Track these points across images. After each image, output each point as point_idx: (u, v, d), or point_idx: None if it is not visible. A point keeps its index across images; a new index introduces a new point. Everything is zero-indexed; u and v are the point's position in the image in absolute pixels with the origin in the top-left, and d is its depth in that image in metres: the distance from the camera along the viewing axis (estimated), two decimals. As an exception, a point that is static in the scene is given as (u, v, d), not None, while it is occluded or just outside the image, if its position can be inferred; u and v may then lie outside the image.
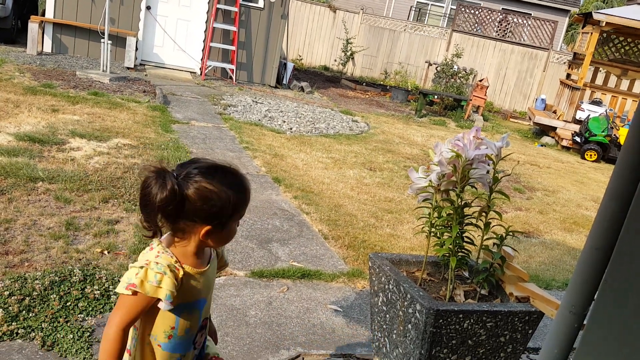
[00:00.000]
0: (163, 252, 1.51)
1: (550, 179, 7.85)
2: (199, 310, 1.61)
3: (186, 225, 1.51)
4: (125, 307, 1.46)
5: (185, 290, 1.52)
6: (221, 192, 1.48)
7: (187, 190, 1.46)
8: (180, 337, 1.56)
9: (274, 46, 11.12)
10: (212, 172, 1.52)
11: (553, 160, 9.58)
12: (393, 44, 15.67)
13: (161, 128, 6.29)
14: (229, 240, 1.62)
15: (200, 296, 1.59)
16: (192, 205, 1.47)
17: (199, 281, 1.56)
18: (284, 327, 2.91)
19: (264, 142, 6.72)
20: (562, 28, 20.75)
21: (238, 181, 1.56)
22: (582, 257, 1.67)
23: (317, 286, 3.43)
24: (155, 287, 1.45)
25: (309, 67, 15.78)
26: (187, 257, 1.54)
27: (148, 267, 1.46)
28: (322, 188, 5.32)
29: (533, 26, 15.55)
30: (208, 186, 1.48)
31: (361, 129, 8.86)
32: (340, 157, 6.67)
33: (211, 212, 1.49)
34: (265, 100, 9.59)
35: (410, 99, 13.07)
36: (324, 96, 11.64)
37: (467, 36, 15.36)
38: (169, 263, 1.48)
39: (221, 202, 1.49)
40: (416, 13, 21.72)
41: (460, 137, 2.26)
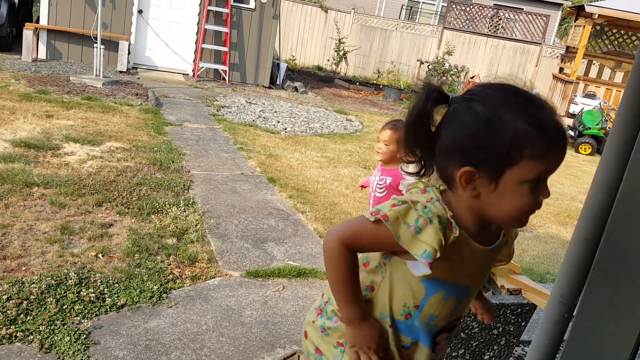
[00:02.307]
0: (437, 200, 1.13)
1: (544, 173, 7.88)
2: (458, 299, 1.23)
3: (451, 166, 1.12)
4: (356, 225, 1.15)
5: (451, 262, 1.14)
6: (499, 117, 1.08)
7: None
8: (420, 322, 1.21)
9: (267, 47, 11.14)
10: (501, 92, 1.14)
11: (547, 154, 9.62)
12: (385, 43, 15.70)
13: (154, 130, 6.30)
14: (513, 210, 1.12)
15: (466, 281, 1.22)
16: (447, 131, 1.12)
17: (473, 260, 1.18)
18: (279, 325, 2.92)
19: (259, 142, 6.73)
20: (555, 22, 20.82)
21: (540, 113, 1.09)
22: (570, 247, 1.69)
23: (312, 284, 3.44)
24: (412, 235, 1.08)
25: (303, 67, 15.80)
26: (465, 220, 1.15)
27: (413, 205, 1.10)
28: (317, 187, 5.34)
29: (525, 21, 15.60)
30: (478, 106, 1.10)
31: (355, 127, 8.89)
32: (335, 156, 6.69)
33: (472, 147, 1.08)
34: (259, 100, 9.60)
35: (403, 97, 13.11)
36: (318, 96, 11.66)
37: (459, 33, 15.40)
38: (441, 214, 1.11)
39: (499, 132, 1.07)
40: (407, 11, 21.76)
41: (449, 132, 2.29)
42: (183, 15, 10.66)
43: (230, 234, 3.93)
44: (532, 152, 1.07)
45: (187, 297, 3.03)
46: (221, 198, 4.59)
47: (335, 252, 1.17)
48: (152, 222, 3.85)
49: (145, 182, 4.58)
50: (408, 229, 1.08)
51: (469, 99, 1.11)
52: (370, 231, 1.13)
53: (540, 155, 1.08)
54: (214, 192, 4.71)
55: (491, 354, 2.28)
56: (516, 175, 1.07)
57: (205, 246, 3.66)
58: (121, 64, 9.85)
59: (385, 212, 1.09)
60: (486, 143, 1.07)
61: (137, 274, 3.13)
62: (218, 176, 5.17)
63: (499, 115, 1.07)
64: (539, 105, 1.10)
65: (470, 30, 15.61)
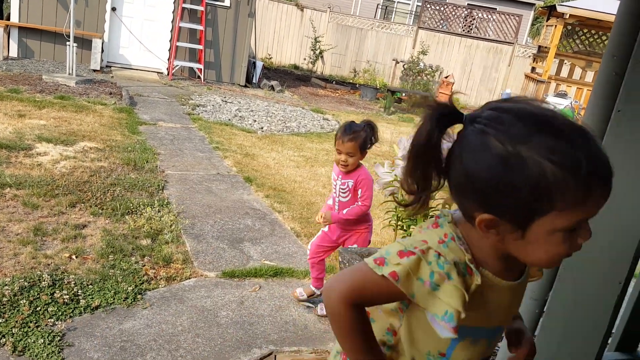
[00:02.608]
0: (452, 238, 0.96)
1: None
2: (490, 340, 1.07)
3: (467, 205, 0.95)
4: (360, 279, 0.98)
5: (476, 309, 0.96)
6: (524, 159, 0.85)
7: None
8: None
9: (242, 45, 11.09)
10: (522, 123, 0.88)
11: (520, 152, 9.78)
12: (361, 42, 15.76)
13: (128, 130, 6.23)
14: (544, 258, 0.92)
15: (496, 322, 1.05)
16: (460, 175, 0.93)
17: (501, 299, 1.01)
18: (256, 325, 2.93)
19: (235, 141, 6.71)
20: (528, 22, 21.14)
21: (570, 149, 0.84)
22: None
23: (289, 284, 3.45)
24: (428, 292, 0.92)
25: (279, 65, 15.77)
26: (486, 257, 0.98)
27: (424, 256, 0.93)
28: (294, 186, 5.34)
29: (498, 21, 15.81)
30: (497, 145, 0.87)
31: (332, 126, 8.91)
32: (312, 155, 6.70)
33: (489, 193, 0.88)
34: (235, 99, 9.56)
35: (379, 96, 13.18)
36: (295, 95, 11.66)
37: (433, 33, 15.55)
38: (458, 259, 0.94)
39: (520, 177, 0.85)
40: (383, 11, 21.88)
41: (423, 132, 2.32)
42: (157, 12, 10.55)
43: (205, 234, 3.91)
44: (566, 202, 0.84)
45: (162, 298, 3.01)
46: (196, 198, 4.57)
47: (339, 314, 1.01)
48: (127, 223, 3.82)
49: (119, 182, 4.54)
50: (422, 285, 0.92)
51: (483, 128, 0.90)
52: (377, 285, 0.94)
53: (577, 204, 0.85)
54: (189, 192, 4.68)
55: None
56: (547, 226, 0.87)
57: (180, 247, 3.64)
58: (95, 63, 9.71)
59: (392, 267, 0.91)
60: (506, 190, 0.86)
61: (112, 275, 3.10)
62: (193, 176, 5.14)
63: (519, 155, 0.84)
64: (572, 137, 0.85)
65: (444, 30, 15.77)
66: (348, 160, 2.85)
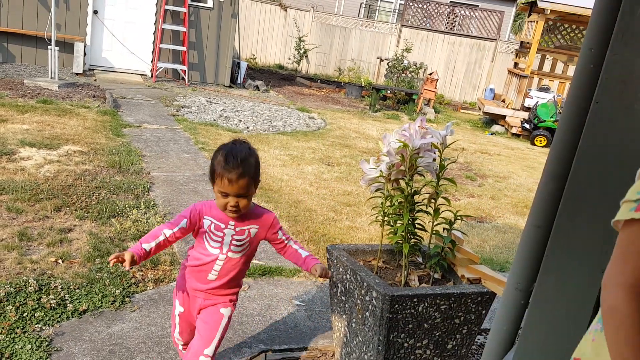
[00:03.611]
0: None
1: (501, 165, 8.08)
2: None
3: None
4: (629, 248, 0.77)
5: None
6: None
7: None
8: None
9: (226, 45, 11.06)
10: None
11: (503, 147, 9.86)
12: (345, 41, 15.78)
13: (112, 132, 6.19)
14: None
15: None
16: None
17: None
18: (245, 325, 2.93)
19: (221, 142, 6.62)
20: (510, 18, 21.29)
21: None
22: (524, 235, 1.76)
23: (278, 282, 3.46)
24: None
25: (264, 66, 15.75)
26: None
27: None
28: (281, 185, 5.34)
29: (480, 17, 15.92)
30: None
31: (318, 125, 8.92)
32: (298, 154, 6.70)
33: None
34: (220, 100, 9.53)
35: (364, 94, 13.21)
36: (280, 94, 11.65)
37: (416, 31, 15.61)
38: None
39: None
40: (366, 10, 21.92)
41: (406, 128, 2.33)
42: (139, 15, 10.48)
43: (193, 235, 3.90)
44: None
45: (150, 300, 3.00)
46: (183, 199, 4.56)
47: (619, 311, 0.77)
48: (113, 226, 3.79)
49: (105, 185, 4.51)
50: None
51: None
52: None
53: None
54: (176, 194, 4.66)
55: (454, 342, 2.34)
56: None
57: (168, 248, 3.62)
58: (77, 66, 9.62)
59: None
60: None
61: (99, 278, 3.09)
62: (179, 177, 5.12)
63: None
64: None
65: (427, 28, 15.84)
66: (240, 203, 2.01)
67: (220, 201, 2.01)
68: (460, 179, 6.72)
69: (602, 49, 1.17)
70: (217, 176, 1.96)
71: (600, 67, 1.17)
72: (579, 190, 1.28)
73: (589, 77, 1.21)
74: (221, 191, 1.97)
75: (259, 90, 11.51)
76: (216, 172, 1.96)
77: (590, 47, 1.20)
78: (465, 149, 8.75)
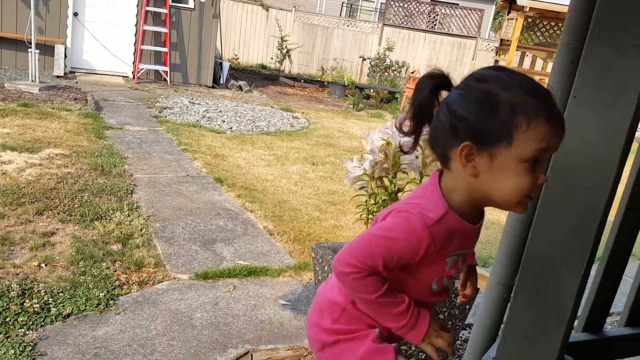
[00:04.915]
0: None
1: (484, 162, 8.15)
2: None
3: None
4: None
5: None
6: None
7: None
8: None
9: (208, 46, 11.01)
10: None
11: (487, 144, 9.94)
12: (327, 40, 15.80)
13: (94, 135, 6.14)
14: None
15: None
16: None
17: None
18: (231, 326, 2.92)
19: (204, 142, 6.66)
20: (490, 16, 21.49)
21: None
22: (505, 230, 1.77)
23: (264, 282, 3.45)
24: None
25: (246, 66, 15.70)
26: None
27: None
28: (265, 185, 5.34)
29: (461, 16, 16.03)
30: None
31: (302, 125, 8.92)
32: (283, 154, 6.70)
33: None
34: (203, 100, 9.49)
35: (348, 93, 13.24)
36: (263, 94, 11.63)
37: (398, 29, 15.68)
38: None
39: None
40: (348, 9, 21.98)
41: (389, 126, 2.35)
42: (120, 16, 10.39)
43: (177, 236, 3.88)
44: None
45: (135, 303, 2.98)
46: (166, 201, 4.53)
47: None
48: (96, 229, 3.76)
49: (87, 188, 4.47)
50: None
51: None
52: None
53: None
54: (159, 195, 4.64)
55: (439, 338, 2.36)
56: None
57: (152, 250, 3.60)
58: (58, 69, 9.51)
59: None
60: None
61: (83, 282, 3.06)
62: (162, 179, 5.09)
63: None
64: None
65: (409, 27, 15.92)
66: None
67: (522, 180, 1.05)
68: (443, 176, 6.76)
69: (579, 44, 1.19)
70: (526, 126, 1.02)
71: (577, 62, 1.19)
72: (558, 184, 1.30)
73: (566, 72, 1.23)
74: (539, 150, 1.03)
75: (242, 91, 11.47)
76: (522, 116, 1.02)
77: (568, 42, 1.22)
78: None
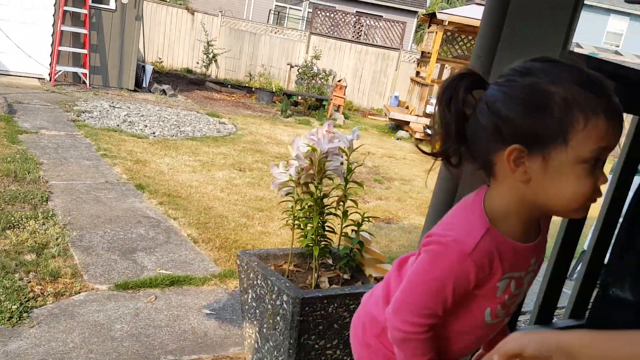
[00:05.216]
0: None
1: (406, 169, 8.40)
2: None
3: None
4: None
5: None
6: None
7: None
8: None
9: (130, 48, 10.68)
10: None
11: (408, 151, 10.24)
12: (255, 46, 15.76)
13: (7, 139, 5.79)
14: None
15: None
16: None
17: None
18: (152, 337, 2.84)
19: (125, 148, 6.44)
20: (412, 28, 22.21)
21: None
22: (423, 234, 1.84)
23: (187, 292, 3.38)
24: None
25: (171, 69, 15.36)
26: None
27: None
28: (190, 192, 5.23)
29: (384, 28, 16.47)
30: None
31: (229, 130, 8.83)
32: (209, 160, 6.60)
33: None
34: (124, 104, 9.19)
35: (276, 100, 13.24)
36: (189, 99, 11.41)
37: (325, 38, 15.89)
38: None
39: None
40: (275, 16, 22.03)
41: (314, 132, 2.38)
42: (36, 15, 9.87)
43: (95, 246, 3.73)
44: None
45: (50, 315, 2.84)
46: (84, 208, 4.34)
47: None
48: (8, 238, 3.55)
49: (-3, 195, 4.21)
50: None
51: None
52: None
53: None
54: (76, 203, 4.44)
55: (362, 341, 2.40)
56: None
57: (68, 260, 3.44)
58: (-37, 67, 8.91)
59: None
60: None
61: (-9, 294, 2.87)
62: (80, 185, 4.88)
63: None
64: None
65: (335, 36, 16.17)
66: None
67: (583, 183, 0.94)
68: (369, 182, 6.90)
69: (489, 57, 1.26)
70: (584, 124, 0.91)
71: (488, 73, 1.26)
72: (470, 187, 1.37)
73: (479, 83, 1.31)
74: (599, 149, 0.93)
75: (166, 95, 11.21)
76: (578, 112, 0.91)
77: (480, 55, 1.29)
78: (371, 153, 9.00)
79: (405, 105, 13.60)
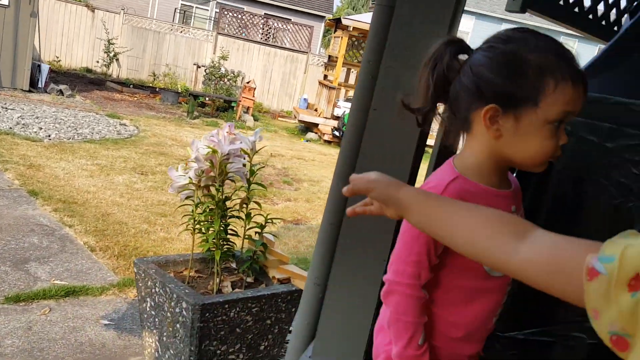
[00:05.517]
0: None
1: (315, 170, 8.49)
2: None
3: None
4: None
5: None
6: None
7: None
8: None
9: (25, 47, 10.01)
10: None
11: (317, 153, 10.36)
12: (159, 45, 15.29)
13: None
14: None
15: None
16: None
17: None
18: (46, 351, 2.67)
19: (17, 152, 6.02)
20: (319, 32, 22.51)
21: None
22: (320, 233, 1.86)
23: (84, 302, 3.21)
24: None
25: (69, 69, 14.55)
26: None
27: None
28: (87, 197, 4.98)
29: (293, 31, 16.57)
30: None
31: (130, 132, 8.50)
32: (108, 163, 6.31)
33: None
34: (18, 105, 8.59)
35: (182, 101, 12.92)
36: (87, 99, 10.86)
37: (233, 39, 15.72)
38: None
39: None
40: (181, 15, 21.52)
41: (215, 134, 2.34)
42: None
43: (-19, 256, 3.46)
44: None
45: None
46: (-31, 217, 4.02)
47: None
48: None
49: None
50: None
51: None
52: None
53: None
54: (-41, 211, 4.09)
55: (266, 343, 2.40)
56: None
57: (-51, 273, 3.16)
58: None
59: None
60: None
61: None
62: (-36, 192, 4.51)
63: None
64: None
65: (243, 37, 16.05)
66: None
67: (547, 142, 1.05)
68: (278, 184, 6.90)
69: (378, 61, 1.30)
70: (553, 88, 1.02)
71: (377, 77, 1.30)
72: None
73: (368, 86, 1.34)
74: (565, 112, 1.03)
75: (64, 95, 10.61)
76: (550, 78, 1.02)
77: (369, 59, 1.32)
78: (281, 155, 9.02)
79: (314, 107, 13.75)
